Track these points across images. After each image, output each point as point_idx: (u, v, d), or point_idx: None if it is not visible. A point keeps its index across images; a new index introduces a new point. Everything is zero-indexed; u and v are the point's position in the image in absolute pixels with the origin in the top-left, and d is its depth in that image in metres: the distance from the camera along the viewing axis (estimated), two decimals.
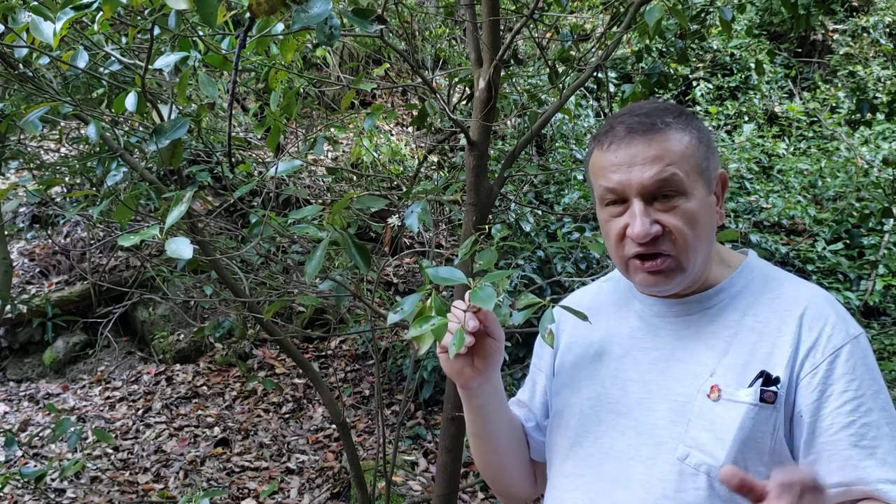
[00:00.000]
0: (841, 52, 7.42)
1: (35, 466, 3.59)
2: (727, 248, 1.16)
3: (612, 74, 6.02)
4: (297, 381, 4.72)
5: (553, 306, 1.11)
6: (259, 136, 4.96)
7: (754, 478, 0.83)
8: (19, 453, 3.79)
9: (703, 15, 2.84)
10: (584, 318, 1.08)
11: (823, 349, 0.99)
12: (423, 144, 5.89)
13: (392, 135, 6.14)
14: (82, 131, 2.92)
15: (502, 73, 2.23)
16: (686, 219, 1.01)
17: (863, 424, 0.95)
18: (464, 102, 4.64)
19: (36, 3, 1.41)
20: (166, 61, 1.42)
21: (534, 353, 1.30)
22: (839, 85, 7.19)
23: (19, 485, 3.51)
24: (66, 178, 3.74)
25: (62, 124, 2.96)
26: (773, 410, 0.98)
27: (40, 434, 3.98)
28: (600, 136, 1.08)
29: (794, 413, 0.99)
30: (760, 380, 0.99)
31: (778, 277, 1.10)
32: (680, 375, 1.05)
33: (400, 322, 1.06)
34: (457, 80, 3.20)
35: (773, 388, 0.98)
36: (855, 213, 5.06)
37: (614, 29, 2.63)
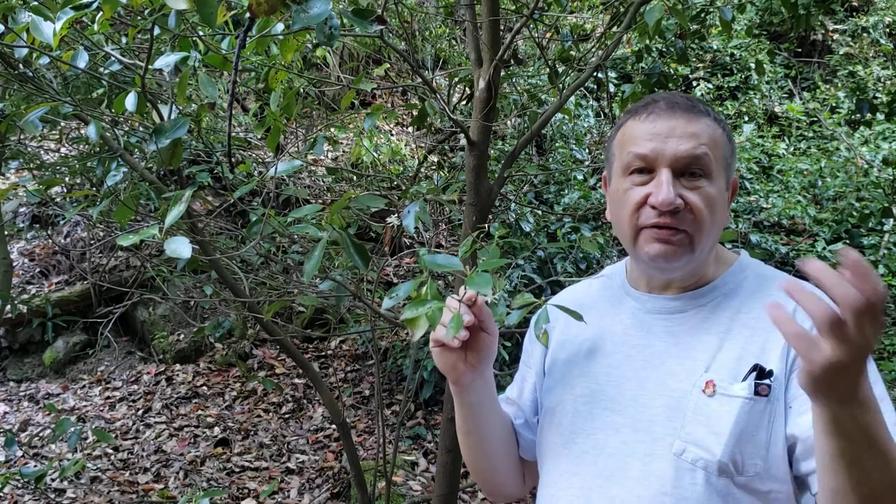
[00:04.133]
0: (841, 52, 7.42)
1: (35, 466, 3.60)
2: (722, 248, 1.16)
3: (612, 74, 6.02)
4: (297, 381, 4.72)
5: (546, 304, 1.11)
6: (259, 136, 4.96)
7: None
8: (19, 453, 3.79)
9: (703, 15, 2.84)
10: (579, 318, 1.08)
11: None
12: (423, 144, 5.89)
13: (392, 135, 6.14)
14: (82, 131, 2.93)
15: (502, 73, 2.23)
16: (707, 201, 1.03)
17: None
18: (464, 102, 4.64)
19: (36, 3, 1.41)
20: (166, 61, 1.42)
21: (523, 350, 1.30)
22: (839, 85, 7.19)
23: (19, 485, 3.51)
24: (66, 178, 3.74)
25: (62, 124, 2.96)
26: (768, 403, 0.99)
27: (40, 434, 3.99)
28: (638, 109, 1.10)
29: (786, 404, 1.00)
30: (754, 373, 1.00)
31: (771, 276, 1.11)
32: (674, 371, 1.05)
33: (398, 322, 1.06)
34: (457, 80, 3.20)
35: (767, 381, 0.99)
36: (855, 213, 5.06)
37: (614, 29, 2.63)
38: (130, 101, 1.50)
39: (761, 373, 0.99)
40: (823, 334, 0.76)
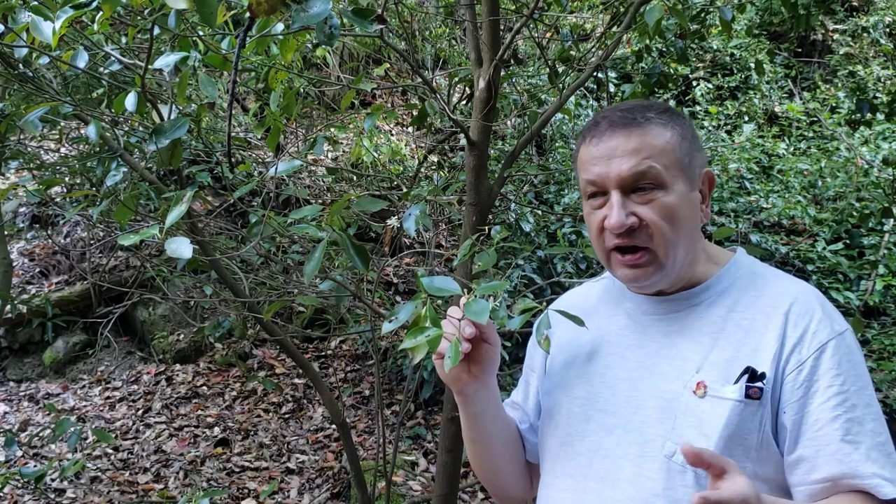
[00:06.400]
0: (841, 52, 7.41)
1: (35, 466, 3.59)
2: (715, 246, 1.16)
3: (612, 74, 6.01)
4: (297, 381, 4.72)
5: (547, 308, 1.10)
6: (259, 136, 4.96)
7: (715, 457, 0.85)
8: (19, 453, 3.79)
9: (703, 15, 2.84)
10: (581, 323, 1.08)
11: (809, 345, 0.99)
12: (423, 144, 5.89)
13: (392, 135, 6.14)
14: (82, 131, 2.93)
15: (502, 73, 2.23)
16: (664, 212, 1.03)
17: (847, 419, 0.96)
18: (464, 102, 4.63)
19: (36, 2, 1.41)
20: (166, 61, 1.42)
21: (527, 354, 1.30)
22: (839, 85, 7.18)
23: (19, 485, 3.51)
24: (66, 178, 3.73)
25: (62, 124, 2.96)
26: (759, 406, 0.98)
27: (40, 434, 3.98)
28: (585, 132, 1.10)
29: (779, 408, 1.00)
30: (746, 376, 0.99)
31: (765, 274, 1.10)
32: (666, 372, 1.05)
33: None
34: (457, 80, 3.20)
35: (759, 384, 0.99)
36: (855, 213, 5.05)
37: (614, 29, 2.63)
38: (130, 101, 1.50)
39: (753, 375, 0.99)
40: None
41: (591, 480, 1.06)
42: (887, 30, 7.49)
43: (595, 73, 2.35)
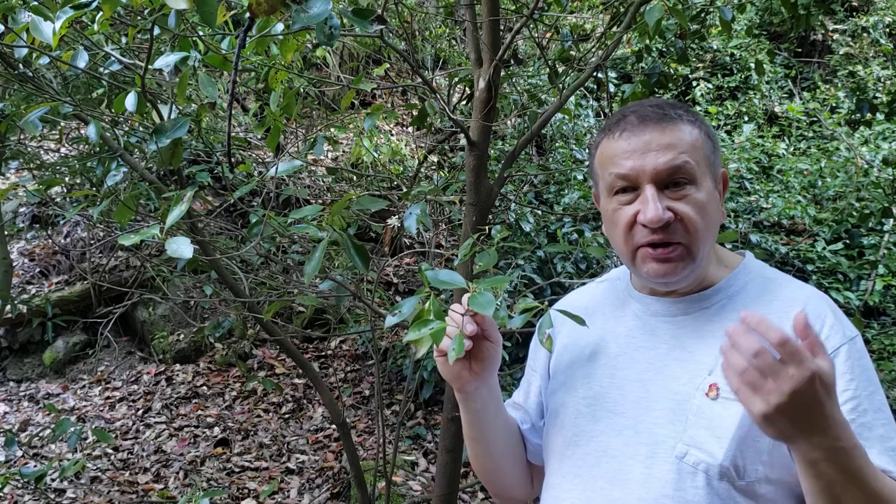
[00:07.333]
0: (841, 52, 7.41)
1: (35, 466, 3.59)
2: (725, 249, 1.16)
3: (612, 74, 6.01)
4: (297, 381, 4.72)
5: (549, 308, 1.10)
6: (259, 136, 4.96)
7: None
8: (19, 453, 3.79)
9: (703, 15, 2.84)
10: (581, 322, 1.08)
11: None
12: (423, 144, 5.89)
13: (392, 135, 6.14)
14: (82, 131, 2.93)
15: (502, 73, 2.23)
16: (697, 208, 1.02)
17: (860, 424, 0.96)
18: (464, 102, 4.63)
19: (36, 2, 1.41)
20: (166, 61, 1.42)
21: (529, 354, 1.29)
22: (839, 85, 7.19)
23: (19, 485, 3.51)
24: (66, 178, 3.73)
25: (62, 124, 2.96)
26: None
27: (40, 434, 3.98)
28: (610, 126, 1.08)
29: None
30: None
31: (776, 279, 1.10)
32: (677, 374, 1.05)
33: (400, 322, 1.06)
34: (457, 80, 3.20)
35: None
36: (855, 213, 5.06)
37: (614, 29, 2.63)
38: (130, 101, 1.50)
39: None
40: (789, 357, 0.81)
41: (598, 480, 1.06)
42: (887, 30, 7.49)
43: (595, 73, 2.35)
